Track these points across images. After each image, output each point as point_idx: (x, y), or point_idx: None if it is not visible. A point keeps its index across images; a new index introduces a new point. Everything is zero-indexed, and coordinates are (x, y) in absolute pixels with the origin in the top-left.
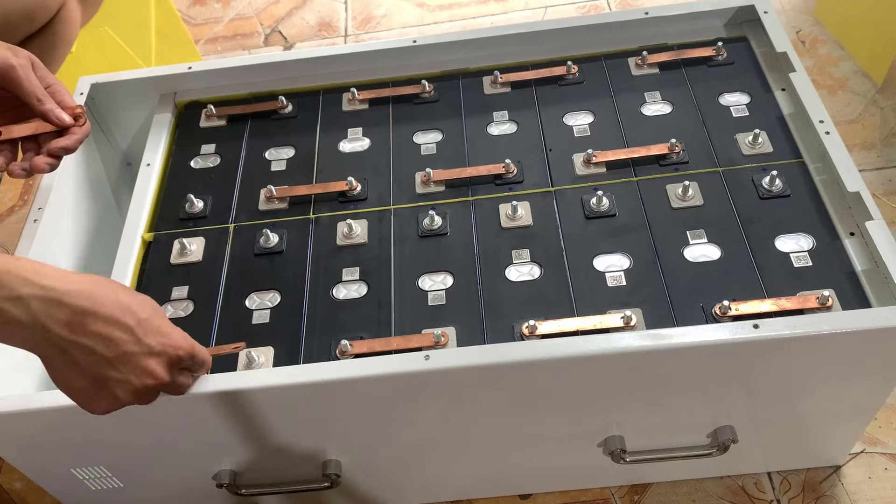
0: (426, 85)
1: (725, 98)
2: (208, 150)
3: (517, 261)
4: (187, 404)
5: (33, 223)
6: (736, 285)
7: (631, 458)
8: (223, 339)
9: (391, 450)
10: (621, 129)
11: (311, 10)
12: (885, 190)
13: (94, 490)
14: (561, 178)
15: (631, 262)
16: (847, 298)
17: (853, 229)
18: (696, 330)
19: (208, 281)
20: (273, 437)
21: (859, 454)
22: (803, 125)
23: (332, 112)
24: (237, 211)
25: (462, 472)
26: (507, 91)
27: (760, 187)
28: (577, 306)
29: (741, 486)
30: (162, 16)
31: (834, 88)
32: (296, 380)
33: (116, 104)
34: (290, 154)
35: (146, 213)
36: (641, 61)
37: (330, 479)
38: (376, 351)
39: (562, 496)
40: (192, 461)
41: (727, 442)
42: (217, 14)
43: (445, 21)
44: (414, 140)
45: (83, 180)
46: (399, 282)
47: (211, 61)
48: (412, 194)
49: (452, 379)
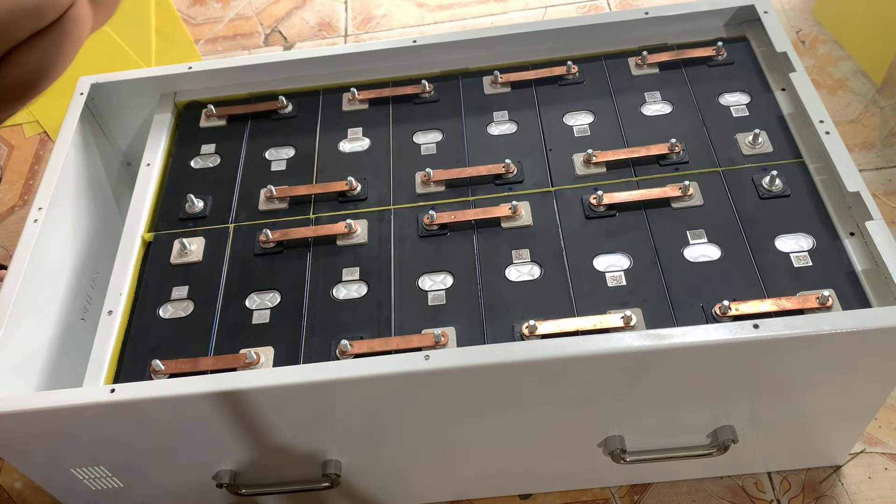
0: (426, 85)
1: (725, 98)
2: (208, 150)
3: (517, 261)
4: (187, 404)
5: (33, 223)
6: (736, 285)
7: (631, 458)
8: (223, 339)
9: (391, 450)
10: (621, 129)
11: (311, 10)
12: (885, 190)
13: (94, 490)
14: (561, 178)
15: (631, 262)
16: (847, 298)
17: (853, 229)
18: (696, 330)
19: (208, 281)
20: (273, 437)
21: (859, 454)
22: (803, 125)
23: (332, 112)
24: (237, 211)
25: (462, 472)
26: (507, 91)
27: (760, 187)
28: (577, 306)
29: (741, 486)
30: (162, 16)
31: (834, 88)
32: (296, 380)
33: (116, 104)
34: (290, 154)
35: (146, 213)
36: (641, 61)
37: (330, 479)
38: (376, 351)
39: (562, 496)
40: (192, 461)
41: (727, 442)
42: (217, 14)
43: (445, 21)
44: (414, 140)
45: (83, 180)
46: (399, 282)
47: (211, 61)
48: (412, 194)
49: (452, 379)
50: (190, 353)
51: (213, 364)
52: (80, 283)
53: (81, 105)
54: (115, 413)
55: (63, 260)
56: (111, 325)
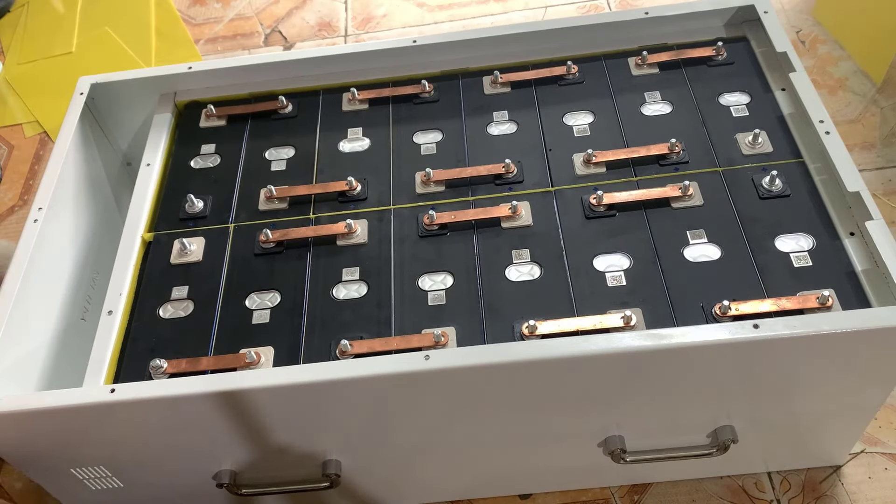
0: (426, 85)
1: (725, 98)
2: (208, 150)
3: (517, 261)
4: (187, 404)
5: (33, 223)
6: (736, 285)
7: (631, 458)
8: (223, 339)
9: (391, 450)
10: (621, 129)
11: (311, 10)
12: (885, 190)
13: (94, 490)
14: (561, 178)
15: (631, 262)
16: (847, 298)
17: (853, 229)
18: (696, 330)
19: (208, 281)
20: (273, 437)
21: (859, 454)
22: (803, 125)
23: (332, 112)
24: (237, 211)
25: (462, 472)
26: (507, 91)
27: (760, 187)
28: (577, 306)
29: (741, 486)
30: (162, 16)
31: (834, 88)
32: (296, 380)
33: (116, 104)
34: (290, 154)
35: (146, 213)
36: (641, 61)
37: (330, 479)
38: (376, 351)
39: (562, 496)
40: (192, 461)
41: (727, 442)
42: (217, 14)
43: (445, 21)
44: (414, 140)
45: (83, 180)
46: (399, 282)
47: (211, 61)
48: (412, 194)
49: (452, 379)
50: (190, 353)
51: (213, 364)
52: (80, 283)
53: (81, 105)
54: (115, 413)
55: (63, 260)
56: (111, 325)
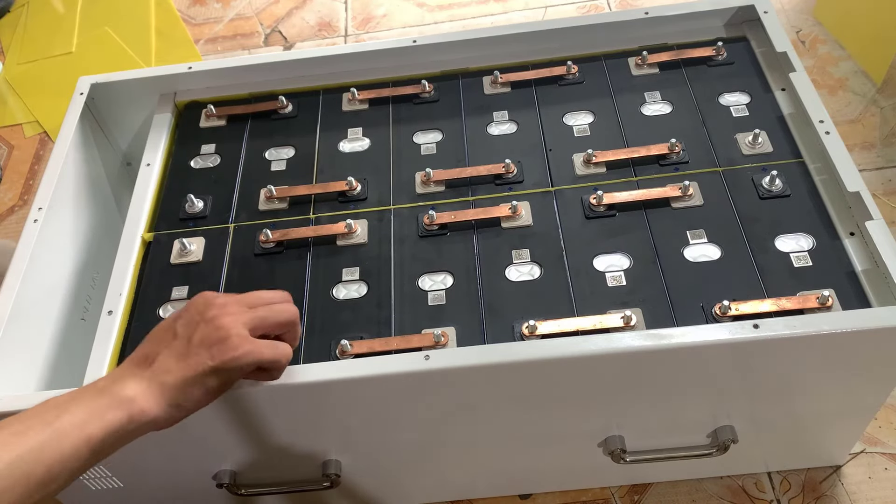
0: (426, 85)
1: (725, 98)
2: (208, 150)
3: (517, 261)
4: None
5: (33, 223)
6: (736, 285)
7: (631, 458)
8: None
9: (391, 450)
10: (621, 129)
11: (311, 10)
12: (885, 190)
13: (94, 490)
14: (561, 178)
15: (631, 262)
16: (847, 298)
17: (853, 229)
18: (696, 330)
19: (208, 281)
20: (273, 437)
21: (859, 454)
22: (803, 125)
23: (332, 112)
24: (237, 211)
25: (462, 472)
26: (507, 91)
27: (760, 187)
28: (577, 306)
29: (741, 486)
30: (162, 16)
31: (834, 88)
32: (296, 380)
33: (116, 104)
34: (290, 154)
35: (146, 213)
36: (641, 61)
37: (330, 479)
38: (376, 351)
39: (562, 496)
40: (192, 461)
41: (727, 442)
42: (217, 14)
43: (445, 21)
44: (414, 140)
45: (83, 180)
46: (399, 282)
47: (211, 61)
48: (412, 194)
49: (452, 379)
50: None
51: None
52: (80, 283)
53: (81, 105)
54: None
55: (63, 260)
56: (111, 325)
